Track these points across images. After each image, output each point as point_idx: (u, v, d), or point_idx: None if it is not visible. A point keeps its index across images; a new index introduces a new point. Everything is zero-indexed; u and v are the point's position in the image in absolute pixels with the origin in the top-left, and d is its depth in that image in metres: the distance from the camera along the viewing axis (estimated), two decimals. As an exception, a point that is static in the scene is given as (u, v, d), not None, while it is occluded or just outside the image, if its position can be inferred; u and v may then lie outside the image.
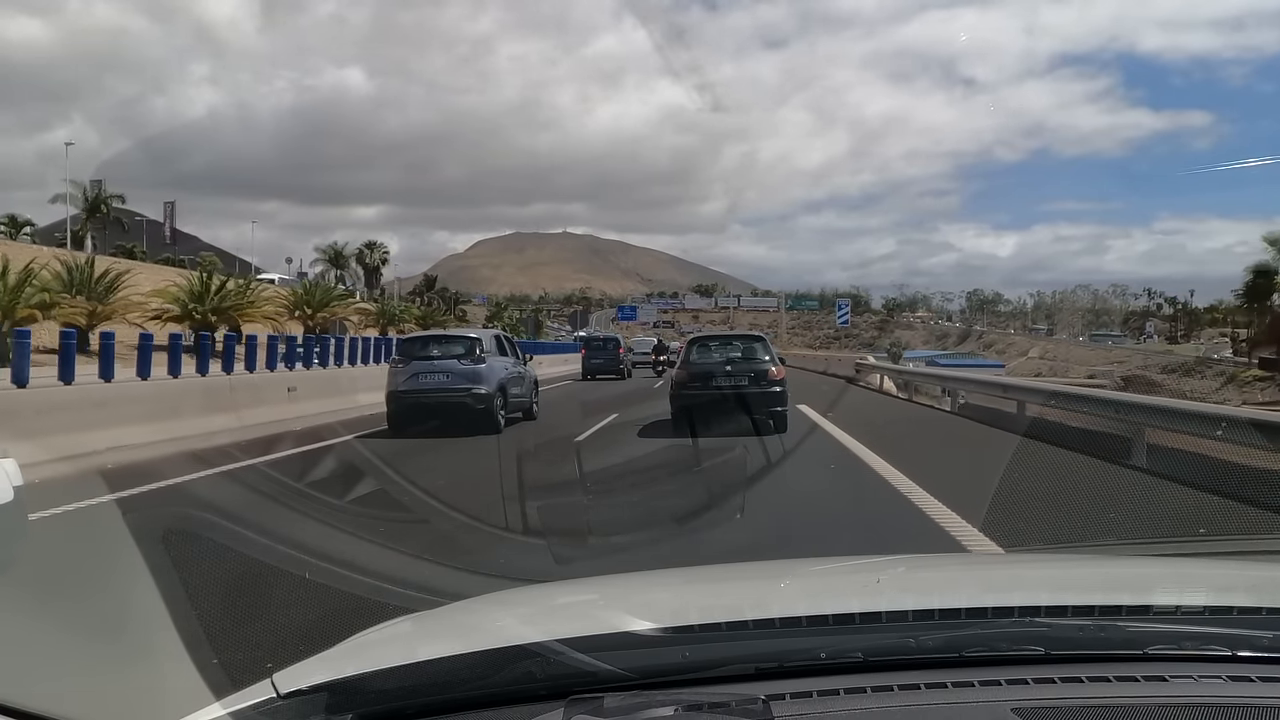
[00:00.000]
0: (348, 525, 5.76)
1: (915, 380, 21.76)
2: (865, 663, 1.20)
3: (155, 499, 7.05)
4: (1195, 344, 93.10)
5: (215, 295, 28.37)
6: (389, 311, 46.86)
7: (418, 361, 12.65)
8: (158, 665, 2.80)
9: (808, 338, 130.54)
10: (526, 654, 1.21)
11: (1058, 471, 8.98)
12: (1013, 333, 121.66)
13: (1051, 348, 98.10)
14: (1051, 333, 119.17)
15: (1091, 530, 6.01)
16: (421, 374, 12.44)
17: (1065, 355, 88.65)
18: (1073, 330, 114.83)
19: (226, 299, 28.63)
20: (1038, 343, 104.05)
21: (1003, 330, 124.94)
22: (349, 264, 79.96)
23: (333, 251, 79.52)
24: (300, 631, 3.78)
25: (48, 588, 4.09)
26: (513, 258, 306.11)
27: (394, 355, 13.60)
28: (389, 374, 12.89)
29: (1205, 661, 1.20)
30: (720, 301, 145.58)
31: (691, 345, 13.81)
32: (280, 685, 1.19)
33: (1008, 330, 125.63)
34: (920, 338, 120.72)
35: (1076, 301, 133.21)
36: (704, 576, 2.10)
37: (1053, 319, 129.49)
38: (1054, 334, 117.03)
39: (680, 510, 6.16)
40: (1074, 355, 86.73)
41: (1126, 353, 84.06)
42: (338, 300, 40.25)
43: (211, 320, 26.84)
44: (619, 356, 31.03)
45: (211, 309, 27.78)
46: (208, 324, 25.63)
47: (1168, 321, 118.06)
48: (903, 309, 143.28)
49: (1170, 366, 65.30)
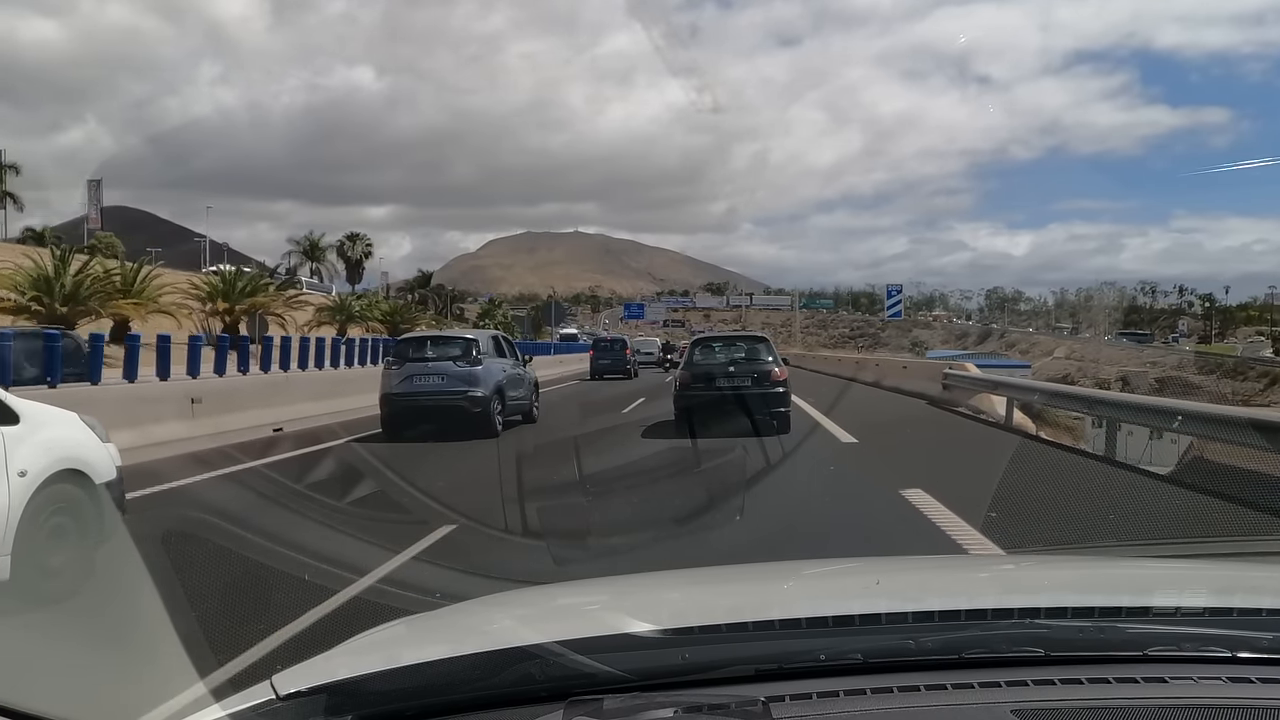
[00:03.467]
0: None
1: (1051, 403, 14.13)
2: (865, 664, 1.23)
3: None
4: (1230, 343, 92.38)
5: (73, 281, 22.67)
6: (347, 308, 40.57)
7: (412, 363, 12.59)
8: (157, 666, 2.86)
9: (822, 337, 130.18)
10: (526, 656, 1.24)
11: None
12: (1032, 331, 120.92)
13: (1078, 347, 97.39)
14: (1076, 332, 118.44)
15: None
16: (416, 376, 12.39)
17: (1095, 355, 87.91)
18: (1098, 329, 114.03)
19: (88, 287, 23.16)
20: (1063, 342, 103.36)
21: (1023, 329, 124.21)
22: (325, 256, 75.48)
23: (308, 243, 74.76)
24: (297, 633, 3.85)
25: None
26: (524, 258, 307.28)
27: (388, 357, 13.57)
28: (383, 376, 12.87)
29: (1205, 663, 1.22)
30: (732, 300, 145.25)
31: (695, 346, 14.20)
32: (279, 687, 1.22)
33: (1028, 329, 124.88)
34: (939, 337, 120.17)
35: (1103, 299, 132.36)
36: (704, 578, 2.14)
37: (1077, 318, 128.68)
38: (1078, 333, 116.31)
39: (682, 511, 6.19)
40: (1103, 355, 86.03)
41: (1159, 352, 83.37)
42: (265, 291, 31.87)
43: (61, 312, 21.85)
44: (626, 357, 32.23)
45: (63, 298, 22.33)
46: (58, 318, 21.10)
47: (1200, 320, 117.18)
48: (919, 308, 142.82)
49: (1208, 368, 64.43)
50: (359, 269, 78.26)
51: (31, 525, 4.23)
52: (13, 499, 4.13)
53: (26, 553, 4.15)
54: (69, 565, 4.47)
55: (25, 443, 4.32)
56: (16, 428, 4.33)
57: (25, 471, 4.24)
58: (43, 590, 4.27)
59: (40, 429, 4.52)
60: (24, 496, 4.20)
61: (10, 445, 4.22)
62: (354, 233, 78.87)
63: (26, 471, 4.25)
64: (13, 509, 4.12)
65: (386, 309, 43.93)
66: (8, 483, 4.13)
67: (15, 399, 4.53)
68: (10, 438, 4.26)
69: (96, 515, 4.69)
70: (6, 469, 4.15)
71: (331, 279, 72.56)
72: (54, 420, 4.76)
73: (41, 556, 4.29)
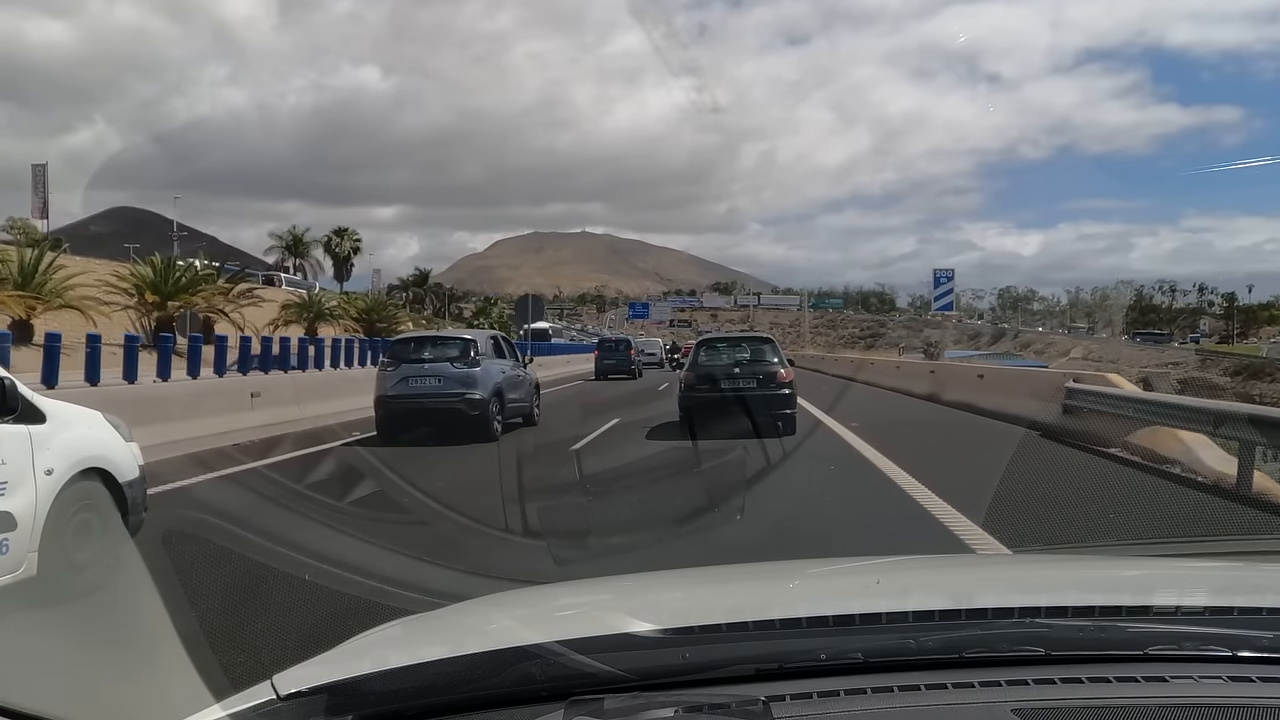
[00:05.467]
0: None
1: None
2: (865, 664, 1.25)
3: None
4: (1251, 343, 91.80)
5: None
6: (317, 305, 37.21)
7: (408, 365, 12.49)
8: (157, 666, 2.89)
9: (831, 337, 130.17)
10: (526, 655, 1.26)
11: None
12: (1044, 330, 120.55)
13: (1095, 347, 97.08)
14: (1092, 331, 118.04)
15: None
16: (412, 378, 12.30)
17: (1114, 355, 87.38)
18: (1115, 329, 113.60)
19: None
20: (1079, 342, 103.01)
21: (1034, 329, 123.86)
22: (309, 252, 72.82)
23: (290, 237, 71.99)
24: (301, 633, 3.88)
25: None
26: (531, 258, 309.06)
27: (383, 358, 13.48)
28: (378, 378, 12.80)
29: (1205, 662, 1.24)
30: (739, 300, 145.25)
31: (700, 347, 14.20)
32: (280, 687, 1.24)
33: (1041, 328, 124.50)
34: (951, 337, 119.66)
35: (1119, 298, 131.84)
36: (704, 578, 2.16)
37: (1092, 317, 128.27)
38: (1094, 333, 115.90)
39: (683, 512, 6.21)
40: (1123, 355, 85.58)
41: (1182, 351, 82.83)
42: (208, 284, 27.73)
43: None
44: (630, 358, 32.91)
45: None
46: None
47: (1221, 320, 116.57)
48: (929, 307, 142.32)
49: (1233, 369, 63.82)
50: (347, 266, 75.75)
51: (58, 522, 4.37)
52: (40, 497, 4.27)
53: (53, 549, 4.30)
54: (93, 561, 4.61)
55: (52, 441, 4.46)
56: (44, 426, 4.46)
57: (52, 470, 4.39)
58: (68, 585, 4.39)
59: (66, 428, 4.66)
60: (51, 494, 4.34)
61: (38, 444, 4.35)
62: (341, 228, 76.62)
63: (53, 470, 4.39)
64: (40, 506, 4.26)
65: (362, 306, 40.67)
66: (35, 481, 4.27)
67: (42, 398, 4.63)
68: (38, 436, 4.38)
69: (120, 513, 4.83)
70: (34, 467, 4.28)
71: (316, 276, 69.88)
72: (80, 420, 4.91)
73: (68, 553, 4.44)
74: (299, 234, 72.84)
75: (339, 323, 36.77)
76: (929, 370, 22.42)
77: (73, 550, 4.49)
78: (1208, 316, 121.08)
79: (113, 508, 4.80)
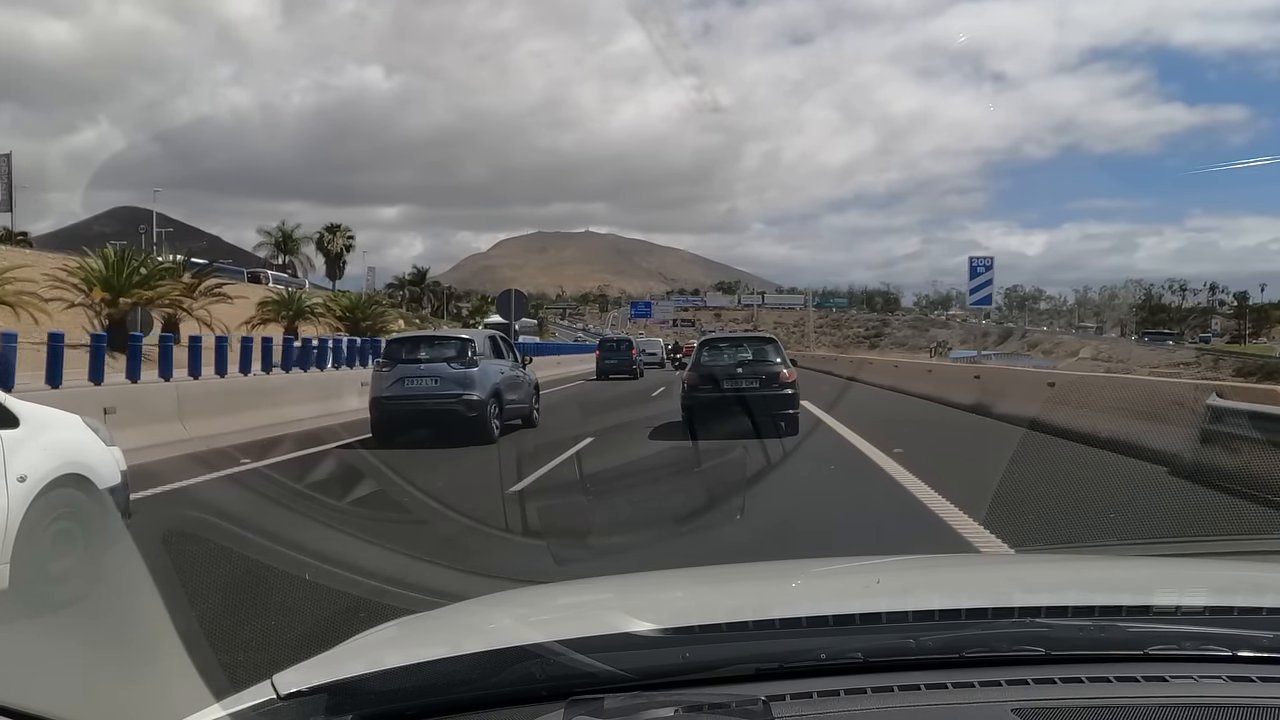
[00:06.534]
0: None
1: None
2: (865, 663, 1.26)
3: None
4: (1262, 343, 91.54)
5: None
6: (296, 302, 35.83)
7: (404, 365, 12.36)
8: (157, 666, 2.90)
9: (835, 337, 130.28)
10: (527, 655, 1.27)
11: None
12: (1048, 330, 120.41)
13: (1105, 347, 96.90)
14: (1100, 331, 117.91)
15: None
16: (408, 379, 12.18)
17: (1124, 355, 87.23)
18: (1126, 328, 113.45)
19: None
20: (1088, 342, 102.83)
21: (1039, 328, 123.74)
22: (299, 248, 70.59)
23: (280, 234, 69.50)
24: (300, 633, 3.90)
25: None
26: (535, 257, 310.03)
27: (379, 358, 13.41)
28: (373, 378, 12.71)
29: (1205, 661, 1.25)
30: (743, 300, 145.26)
31: (702, 347, 14.26)
32: (280, 686, 1.25)
33: (1046, 328, 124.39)
34: (958, 337, 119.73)
35: (1128, 297, 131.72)
36: (705, 577, 2.17)
37: (1101, 316, 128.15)
38: (1101, 332, 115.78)
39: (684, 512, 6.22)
40: (1133, 355, 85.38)
41: (1192, 352, 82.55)
42: (168, 279, 25.70)
43: None
44: (631, 357, 33.17)
45: None
46: None
47: (1232, 319, 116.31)
48: (935, 307, 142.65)
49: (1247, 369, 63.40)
50: (340, 263, 73.64)
51: (33, 532, 4.18)
52: (11, 505, 4.08)
53: (28, 560, 4.11)
54: (72, 571, 4.43)
55: (25, 446, 4.27)
56: (16, 431, 4.28)
57: (25, 476, 4.19)
58: (45, 597, 4.23)
59: (41, 432, 4.46)
60: (24, 502, 4.15)
61: (9, 449, 4.17)
62: (334, 224, 74.46)
63: (27, 476, 4.19)
64: (12, 515, 4.07)
65: (346, 304, 38.93)
66: (6, 488, 4.08)
67: (15, 401, 4.47)
68: (9, 441, 4.20)
69: (100, 520, 4.65)
70: (5, 474, 4.10)
71: (306, 273, 68.94)
72: (56, 423, 4.71)
73: (44, 563, 4.25)
74: (288, 230, 70.68)
75: (321, 321, 35.47)
76: (973, 376, 17.40)
77: (50, 560, 4.29)
78: (1219, 316, 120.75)
79: (94, 515, 4.60)
